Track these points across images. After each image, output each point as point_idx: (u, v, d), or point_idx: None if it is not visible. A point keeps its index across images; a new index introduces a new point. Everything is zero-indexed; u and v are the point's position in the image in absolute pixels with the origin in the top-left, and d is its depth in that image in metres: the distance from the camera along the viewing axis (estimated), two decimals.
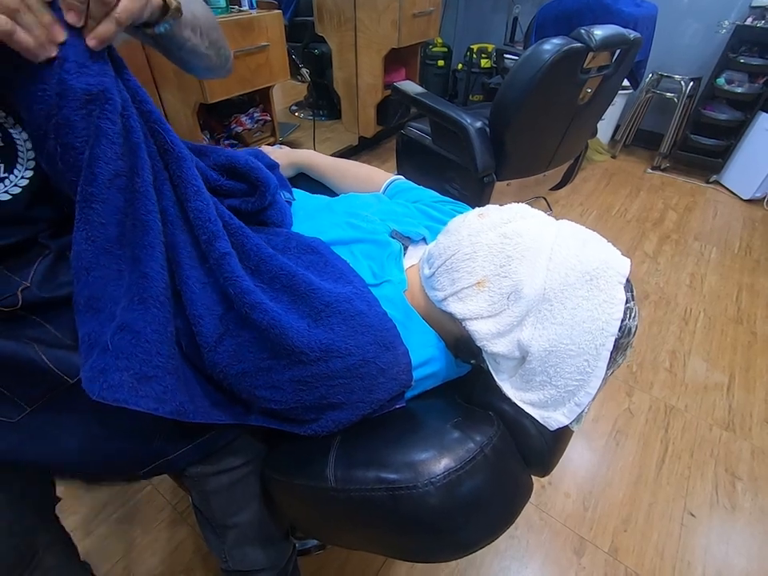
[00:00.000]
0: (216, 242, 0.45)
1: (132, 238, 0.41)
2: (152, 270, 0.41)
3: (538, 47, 1.11)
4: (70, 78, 0.37)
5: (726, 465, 1.16)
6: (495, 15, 2.93)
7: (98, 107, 0.38)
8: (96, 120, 0.38)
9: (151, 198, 0.42)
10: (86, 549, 0.97)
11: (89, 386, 0.38)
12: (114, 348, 0.39)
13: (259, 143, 1.88)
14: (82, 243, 0.39)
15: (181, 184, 0.45)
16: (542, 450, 0.50)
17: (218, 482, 0.54)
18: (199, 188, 0.46)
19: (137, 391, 0.39)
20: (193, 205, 0.45)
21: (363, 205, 0.69)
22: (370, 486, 0.42)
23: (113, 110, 0.39)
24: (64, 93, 0.37)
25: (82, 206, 0.39)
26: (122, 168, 0.40)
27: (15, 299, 0.44)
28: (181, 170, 0.45)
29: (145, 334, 0.39)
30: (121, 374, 0.38)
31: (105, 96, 0.38)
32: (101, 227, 0.40)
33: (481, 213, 0.51)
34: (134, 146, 0.41)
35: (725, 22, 2.24)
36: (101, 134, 0.38)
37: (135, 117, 0.41)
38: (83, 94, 0.37)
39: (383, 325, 0.48)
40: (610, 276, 0.43)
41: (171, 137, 0.45)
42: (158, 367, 0.40)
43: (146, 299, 0.40)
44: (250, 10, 1.52)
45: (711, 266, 1.88)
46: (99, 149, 0.38)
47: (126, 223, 0.41)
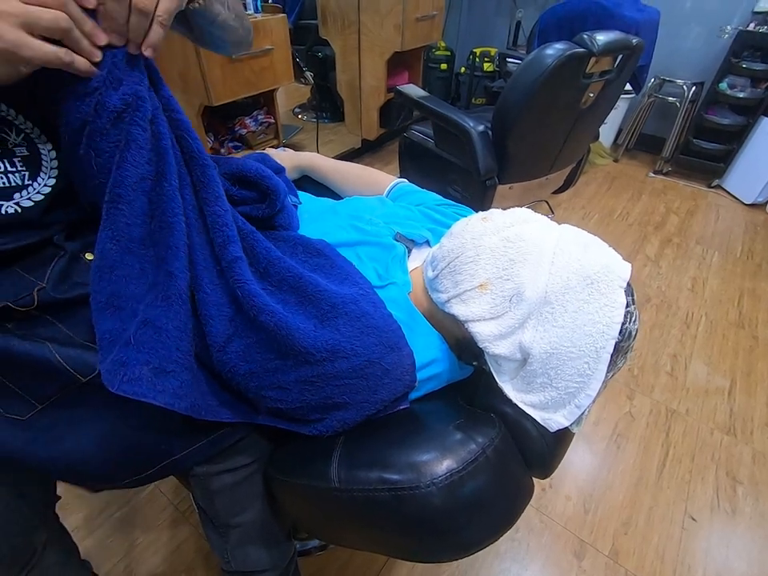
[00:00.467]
0: (229, 245, 0.46)
1: (157, 239, 0.43)
2: (177, 270, 0.42)
3: (540, 52, 1.12)
4: (108, 93, 0.39)
5: (727, 469, 1.16)
6: (498, 19, 2.95)
7: (128, 114, 0.40)
8: (127, 126, 0.40)
9: (177, 201, 0.43)
10: (87, 548, 0.98)
11: (109, 378, 0.39)
12: (135, 342, 0.40)
13: (263, 145, 1.89)
14: (107, 242, 0.41)
15: (203, 189, 0.47)
16: (542, 452, 0.50)
17: (222, 481, 0.55)
18: (220, 194, 0.48)
19: (155, 385, 0.40)
20: (212, 209, 0.47)
21: (367, 208, 0.69)
22: (373, 487, 0.43)
23: (143, 116, 0.40)
24: (102, 105, 0.39)
25: (109, 206, 0.40)
26: (149, 172, 0.42)
27: (31, 299, 0.45)
28: (205, 176, 0.47)
29: (167, 329, 0.41)
30: (141, 368, 0.39)
31: (137, 104, 0.40)
32: (126, 228, 0.41)
33: (484, 216, 0.52)
34: (162, 151, 0.42)
35: (727, 28, 2.24)
36: (131, 140, 0.40)
37: (165, 124, 0.43)
38: (120, 104, 0.39)
39: (388, 326, 0.48)
40: (611, 280, 0.43)
41: (198, 145, 0.47)
42: (176, 362, 0.41)
43: (169, 296, 0.41)
44: (255, 14, 1.53)
45: (713, 269, 1.88)
46: (129, 153, 0.40)
47: (152, 225, 0.43)
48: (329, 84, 2.57)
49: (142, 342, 0.40)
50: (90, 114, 0.38)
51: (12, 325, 0.46)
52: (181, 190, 0.45)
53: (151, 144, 0.41)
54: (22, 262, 0.46)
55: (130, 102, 0.39)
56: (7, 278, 0.45)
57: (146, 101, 0.41)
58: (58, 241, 0.48)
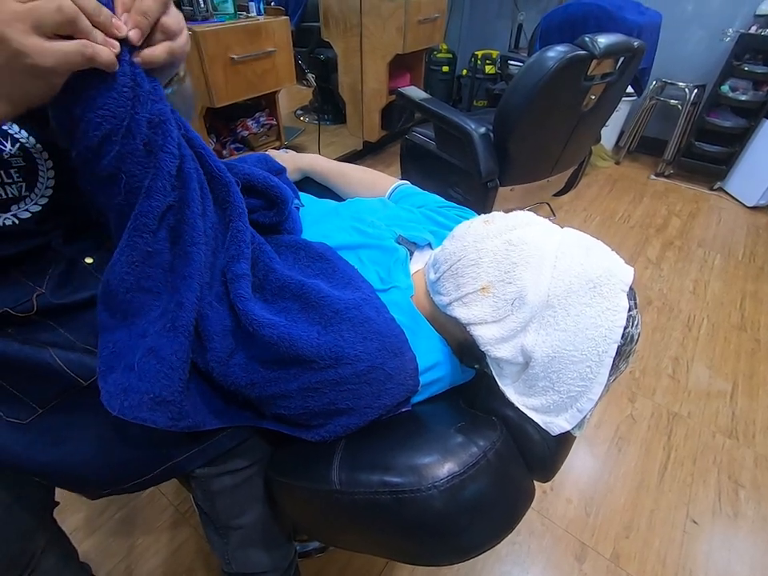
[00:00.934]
0: (240, 261, 0.47)
1: (175, 267, 0.43)
2: (187, 301, 0.42)
3: (542, 54, 1.12)
4: (140, 113, 0.37)
5: (729, 472, 1.15)
6: (499, 22, 2.95)
7: (160, 138, 0.38)
8: (158, 152, 0.38)
9: (198, 229, 0.42)
10: (87, 549, 0.98)
11: (109, 401, 0.40)
12: (139, 370, 0.40)
13: (265, 147, 1.89)
14: (126, 266, 0.40)
15: (228, 207, 0.47)
16: (544, 456, 0.50)
17: (223, 482, 0.55)
18: (243, 211, 0.48)
19: (154, 411, 0.40)
20: (235, 224, 0.47)
21: (369, 210, 0.69)
22: (374, 490, 0.42)
23: (173, 142, 0.39)
24: (136, 124, 0.37)
25: (132, 233, 0.39)
26: (174, 199, 0.41)
27: (30, 305, 0.45)
28: (229, 194, 0.47)
29: (170, 361, 0.41)
30: (141, 396, 0.40)
31: (165, 128, 0.39)
32: (147, 255, 0.41)
33: (486, 219, 0.52)
34: (185, 175, 0.42)
35: (729, 30, 2.24)
36: (162, 167, 0.39)
37: (185, 145, 0.42)
38: (148, 128, 0.38)
39: (391, 331, 0.48)
40: (614, 284, 0.43)
41: (215, 162, 0.46)
42: (176, 392, 0.42)
43: (177, 327, 0.41)
44: (257, 16, 1.54)
45: (715, 272, 1.88)
46: (160, 182, 0.39)
47: (172, 251, 0.43)
48: (331, 86, 2.58)
49: (144, 371, 0.40)
50: (120, 134, 0.36)
51: (12, 330, 0.46)
52: (203, 211, 0.44)
53: (177, 169, 0.41)
54: (20, 267, 0.46)
55: (157, 123, 0.38)
56: (6, 283, 0.45)
57: (173, 123, 0.40)
58: (55, 245, 0.48)
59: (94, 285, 0.50)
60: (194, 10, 1.39)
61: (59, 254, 0.49)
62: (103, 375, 0.41)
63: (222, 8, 1.42)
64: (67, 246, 0.49)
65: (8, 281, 0.45)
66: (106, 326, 0.42)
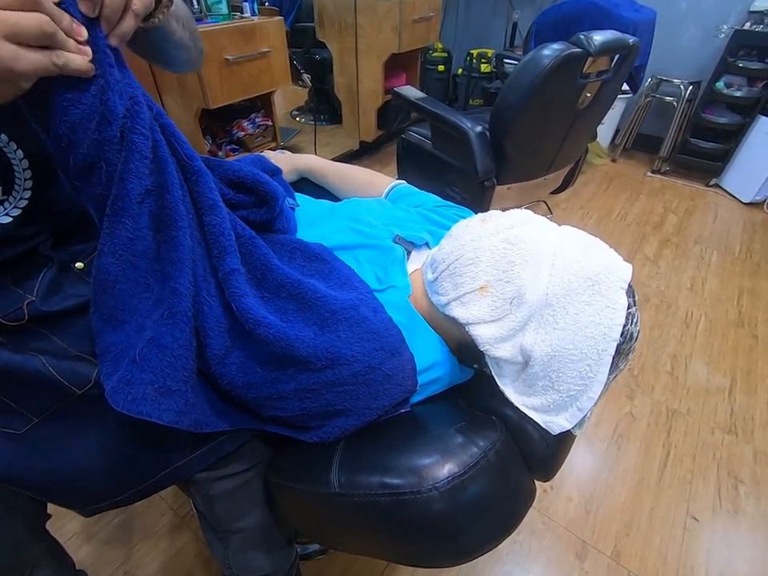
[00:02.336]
0: (226, 257, 0.45)
1: (162, 253, 0.41)
2: (182, 286, 0.41)
3: (537, 52, 1.12)
4: (113, 99, 0.36)
5: (729, 468, 1.16)
6: (495, 20, 2.95)
7: (129, 120, 0.37)
8: (129, 134, 0.37)
9: (181, 213, 0.41)
10: (85, 554, 0.97)
11: (113, 396, 0.38)
12: (141, 360, 0.39)
13: (261, 148, 1.89)
14: (109, 257, 0.39)
15: (198, 198, 0.45)
16: (544, 455, 0.50)
17: (222, 486, 0.54)
18: (215, 202, 0.46)
19: (159, 405, 0.39)
20: (207, 219, 0.45)
21: (366, 210, 0.69)
22: (374, 491, 0.42)
23: (144, 123, 0.38)
24: (111, 112, 0.36)
25: (111, 220, 0.38)
26: (152, 183, 0.40)
27: (21, 313, 0.44)
28: (198, 183, 0.45)
29: (172, 348, 0.40)
30: (145, 387, 0.38)
31: (135, 109, 0.37)
32: (128, 242, 0.40)
33: (484, 218, 0.52)
34: (161, 160, 0.40)
35: (723, 27, 2.25)
36: (134, 149, 0.37)
37: (158, 131, 0.41)
38: (123, 110, 0.36)
39: (388, 331, 0.48)
40: (612, 281, 0.43)
41: (187, 150, 0.44)
42: (181, 381, 0.41)
43: (175, 314, 0.40)
44: (251, 17, 1.53)
45: (712, 269, 1.88)
46: (133, 164, 0.38)
47: (156, 238, 0.41)
48: (326, 86, 2.57)
49: (147, 361, 0.39)
50: (93, 121, 0.35)
51: (4, 338, 0.45)
52: (183, 197, 0.43)
53: (152, 153, 0.39)
54: (9, 275, 0.45)
55: (129, 106, 0.37)
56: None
57: (144, 105, 0.39)
58: (43, 251, 0.47)
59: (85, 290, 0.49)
60: None
61: (49, 260, 0.48)
62: (109, 375, 0.40)
63: (216, 9, 1.41)
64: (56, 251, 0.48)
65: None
66: (99, 329, 0.41)
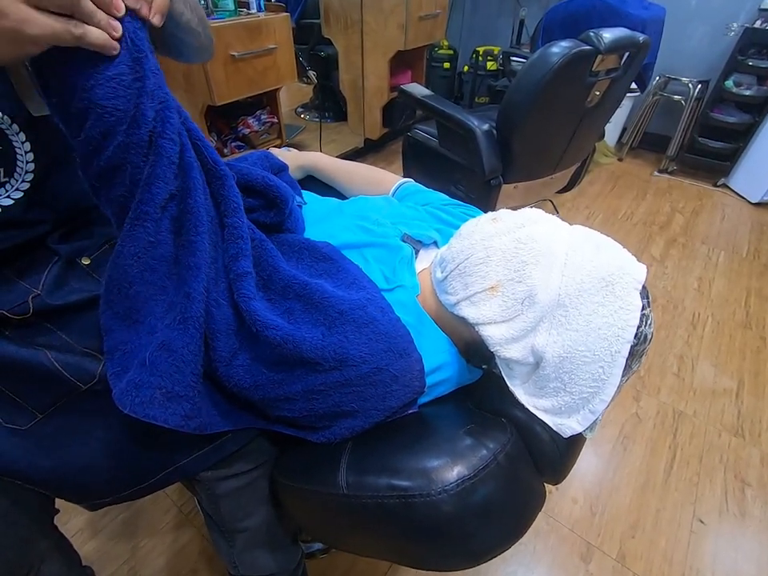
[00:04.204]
0: (241, 259, 0.46)
1: (180, 257, 0.41)
2: (195, 292, 0.41)
3: (546, 50, 1.11)
4: (145, 103, 0.35)
5: (736, 471, 1.14)
6: (501, 18, 2.93)
7: (159, 124, 0.37)
8: (158, 139, 0.37)
9: (202, 218, 0.41)
10: (90, 551, 0.97)
11: (121, 399, 0.39)
12: (150, 364, 0.39)
13: (266, 145, 1.88)
14: (128, 258, 0.39)
15: (222, 201, 0.46)
16: (554, 457, 0.50)
17: (227, 485, 0.54)
18: (239, 205, 0.47)
19: (166, 408, 0.39)
20: (230, 221, 0.46)
21: (374, 208, 0.68)
22: (382, 493, 0.42)
23: (173, 128, 0.38)
24: (142, 115, 0.35)
25: (134, 223, 0.38)
26: (177, 188, 0.40)
27: (26, 307, 0.44)
28: (223, 187, 0.45)
29: (181, 354, 0.40)
30: (153, 391, 0.39)
31: (165, 114, 0.37)
32: (149, 245, 0.40)
33: (494, 217, 0.51)
34: (186, 165, 0.40)
35: (733, 25, 2.22)
36: (162, 154, 0.37)
37: (186, 135, 0.41)
38: (154, 113, 0.36)
39: (396, 332, 0.47)
40: (626, 282, 0.42)
41: (213, 154, 0.45)
42: (189, 387, 0.41)
43: (186, 319, 0.40)
44: (258, 13, 1.53)
45: (719, 269, 1.87)
46: (160, 169, 0.38)
47: (175, 242, 0.41)
48: (331, 83, 2.56)
49: (156, 365, 0.39)
50: (124, 125, 0.35)
51: (10, 332, 0.45)
52: (205, 202, 0.43)
53: (178, 157, 0.39)
54: (16, 267, 0.45)
55: (159, 110, 0.37)
56: (1, 284, 0.44)
57: (174, 110, 0.38)
58: (51, 243, 0.47)
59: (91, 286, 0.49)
60: None
61: (55, 254, 0.48)
62: (117, 375, 0.40)
63: (222, 5, 1.41)
64: (63, 245, 0.48)
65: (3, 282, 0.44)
66: (110, 326, 0.41)
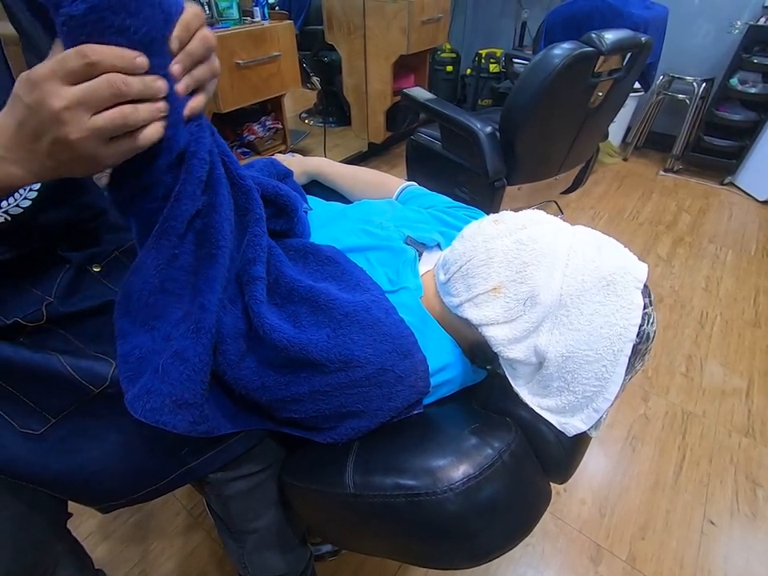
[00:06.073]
0: (256, 265, 0.47)
1: (198, 269, 0.43)
2: (210, 303, 0.42)
3: (548, 52, 1.11)
4: (180, 130, 0.37)
5: (746, 472, 1.13)
6: (503, 20, 2.94)
7: (193, 144, 0.38)
8: (191, 159, 0.38)
9: (224, 233, 0.43)
10: (102, 553, 0.99)
11: (132, 404, 0.40)
12: (163, 372, 0.40)
13: (271, 151, 1.90)
14: (151, 268, 0.41)
15: (247, 213, 0.48)
16: (559, 457, 0.50)
17: (236, 487, 0.55)
18: (261, 216, 0.49)
19: (176, 415, 0.41)
20: (252, 229, 0.48)
21: (377, 211, 0.69)
22: (389, 492, 0.42)
23: (205, 148, 0.39)
24: (174, 140, 0.37)
25: (159, 236, 0.40)
26: (203, 203, 0.41)
27: (40, 314, 0.46)
28: (248, 201, 0.47)
29: (193, 363, 0.41)
30: (163, 399, 0.40)
31: (199, 135, 0.39)
32: (172, 257, 0.41)
33: (496, 219, 0.51)
34: (215, 181, 0.42)
35: (737, 23, 2.21)
36: (193, 173, 0.39)
37: (216, 151, 0.42)
38: (188, 135, 0.38)
39: (401, 332, 0.48)
40: (628, 281, 0.43)
41: (239, 169, 0.46)
42: (198, 395, 0.42)
43: (199, 329, 0.41)
44: (262, 21, 1.55)
45: (727, 268, 1.85)
46: (189, 187, 0.39)
47: (196, 253, 0.43)
48: (335, 88, 2.59)
49: (168, 373, 0.40)
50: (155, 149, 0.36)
51: (24, 338, 0.46)
52: (229, 216, 0.44)
53: (207, 175, 0.41)
54: (29, 275, 0.47)
55: (193, 131, 0.38)
56: (16, 293, 0.46)
57: (206, 129, 0.40)
58: (62, 251, 0.49)
59: (102, 293, 0.50)
60: None
61: (67, 262, 0.49)
62: (131, 379, 0.41)
63: (228, 13, 1.43)
64: (75, 252, 0.50)
65: (18, 291, 0.46)
66: (126, 331, 0.42)
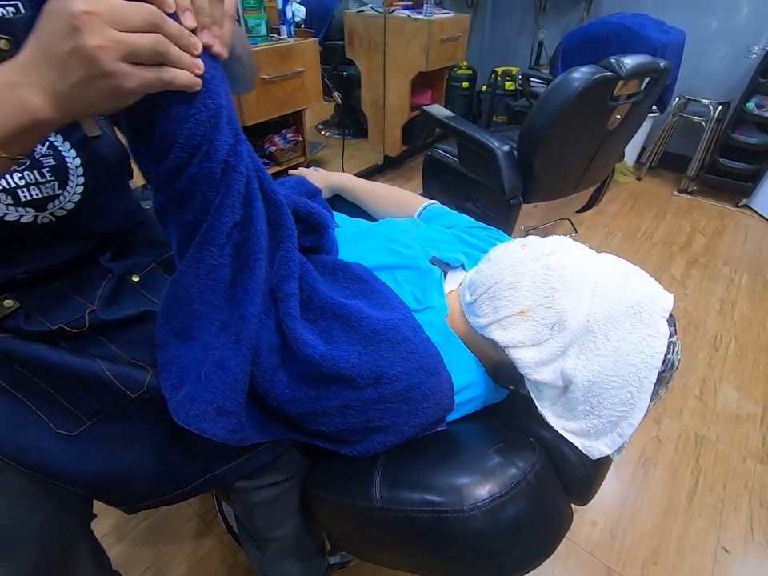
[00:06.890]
0: (289, 281, 0.49)
1: (237, 280, 0.45)
2: (250, 314, 0.44)
3: (567, 75, 1.13)
4: (220, 138, 0.38)
5: (761, 499, 1.12)
6: (520, 38, 2.98)
7: (233, 158, 0.40)
8: (231, 172, 0.40)
9: (261, 246, 0.44)
10: (116, 555, 1.00)
11: (177, 410, 0.42)
12: (206, 379, 0.42)
13: (290, 162, 1.94)
14: (191, 278, 0.43)
15: (279, 228, 0.49)
16: (581, 478, 0.51)
17: (261, 495, 0.56)
18: (293, 232, 0.50)
19: (215, 423, 0.42)
20: (284, 245, 0.49)
21: (402, 230, 0.71)
22: (416, 508, 0.43)
23: (243, 162, 0.41)
24: (215, 150, 0.38)
25: (200, 247, 0.42)
26: (241, 216, 0.43)
27: (83, 321, 0.48)
28: (281, 216, 0.49)
29: (234, 373, 0.43)
30: (205, 406, 0.42)
31: (236, 149, 0.41)
32: (212, 268, 0.43)
33: (523, 244, 0.53)
34: (251, 195, 0.44)
35: (755, 47, 2.23)
36: (233, 186, 0.41)
37: (251, 167, 0.44)
38: (228, 148, 0.39)
39: (428, 351, 0.49)
40: (654, 310, 0.44)
41: (272, 184, 0.48)
42: (237, 403, 0.43)
43: (241, 340, 0.43)
44: (288, 39, 1.60)
45: (742, 291, 1.84)
46: (230, 199, 0.41)
47: (234, 265, 0.45)
48: (353, 101, 2.64)
49: (211, 381, 0.42)
50: (197, 157, 0.38)
51: (65, 344, 0.48)
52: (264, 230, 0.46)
53: (245, 188, 0.43)
54: (73, 284, 0.49)
55: (233, 144, 0.40)
56: (61, 300, 0.48)
57: (244, 144, 0.42)
58: (104, 262, 0.51)
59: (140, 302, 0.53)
60: None
61: (109, 272, 0.52)
62: (174, 387, 0.43)
63: (256, 30, 1.48)
64: (116, 263, 0.52)
65: (62, 298, 0.49)
66: (166, 341, 0.44)
